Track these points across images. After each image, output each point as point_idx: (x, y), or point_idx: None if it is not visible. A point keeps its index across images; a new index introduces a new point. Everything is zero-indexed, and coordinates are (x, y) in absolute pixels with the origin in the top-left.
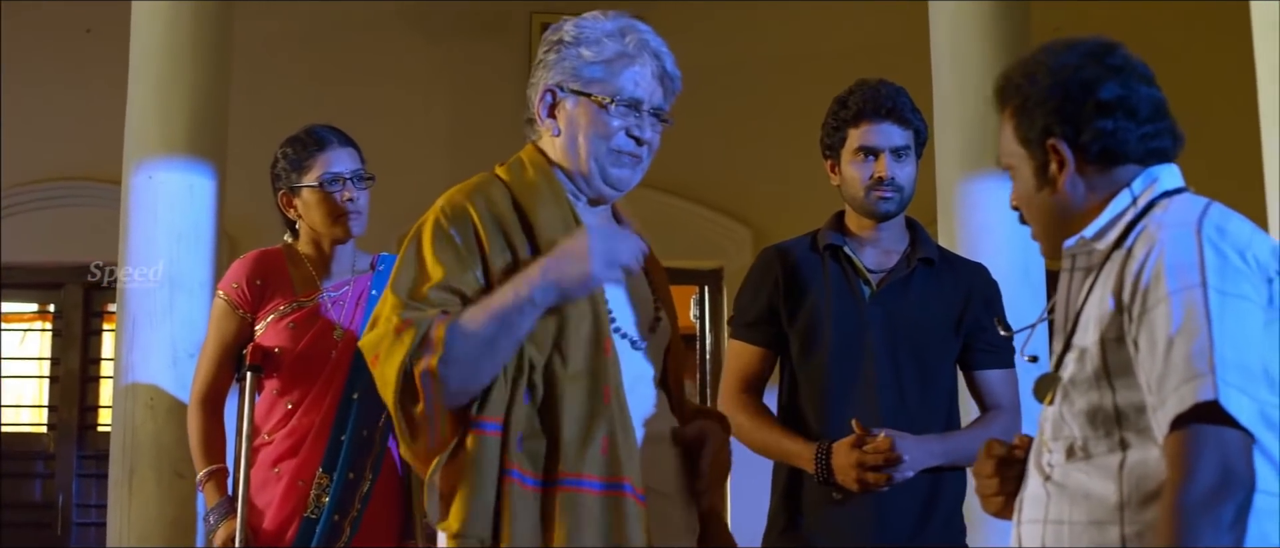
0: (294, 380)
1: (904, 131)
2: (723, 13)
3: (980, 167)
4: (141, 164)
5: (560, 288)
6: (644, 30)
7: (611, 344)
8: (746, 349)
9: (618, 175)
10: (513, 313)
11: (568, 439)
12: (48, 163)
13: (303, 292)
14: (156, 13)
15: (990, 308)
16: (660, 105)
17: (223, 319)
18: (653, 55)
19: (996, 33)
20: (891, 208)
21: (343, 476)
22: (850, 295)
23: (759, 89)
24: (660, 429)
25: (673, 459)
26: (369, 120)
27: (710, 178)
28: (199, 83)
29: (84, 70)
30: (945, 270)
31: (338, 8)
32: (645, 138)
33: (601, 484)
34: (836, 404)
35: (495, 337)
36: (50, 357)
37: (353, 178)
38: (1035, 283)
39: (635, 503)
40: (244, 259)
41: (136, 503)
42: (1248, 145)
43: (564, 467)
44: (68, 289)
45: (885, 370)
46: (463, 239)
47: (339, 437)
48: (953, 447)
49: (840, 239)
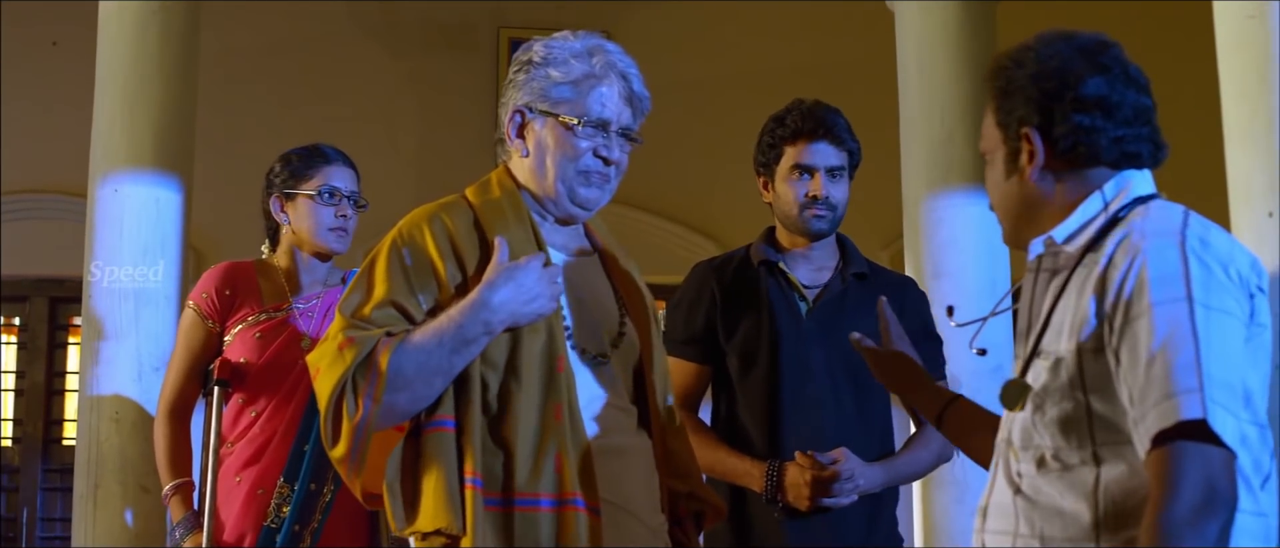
0: (259, 389)
1: (839, 152)
2: (689, 29)
3: (946, 182)
4: (107, 177)
5: (487, 324)
6: (612, 50)
7: (565, 361)
8: (684, 367)
9: (585, 195)
10: (454, 340)
11: (521, 459)
12: (13, 176)
13: (271, 302)
14: (123, 26)
15: (921, 319)
16: (629, 125)
17: (191, 329)
18: (620, 76)
19: (963, 49)
20: (824, 226)
21: (304, 486)
22: (789, 312)
23: (725, 105)
24: (624, 443)
25: (638, 473)
26: (335, 135)
27: (676, 193)
28: (166, 96)
29: (50, 83)
30: (877, 284)
31: (304, 22)
32: (613, 158)
33: (551, 501)
34: (779, 421)
35: (439, 363)
36: (15, 370)
37: (350, 196)
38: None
39: (588, 516)
40: (214, 269)
41: (101, 517)
42: (1210, 156)
43: (517, 487)
44: (33, 302)
45: (824, 386)
46: (414, 261)
47: (301, 447)
48: (896, 471)
49: (775, 255)
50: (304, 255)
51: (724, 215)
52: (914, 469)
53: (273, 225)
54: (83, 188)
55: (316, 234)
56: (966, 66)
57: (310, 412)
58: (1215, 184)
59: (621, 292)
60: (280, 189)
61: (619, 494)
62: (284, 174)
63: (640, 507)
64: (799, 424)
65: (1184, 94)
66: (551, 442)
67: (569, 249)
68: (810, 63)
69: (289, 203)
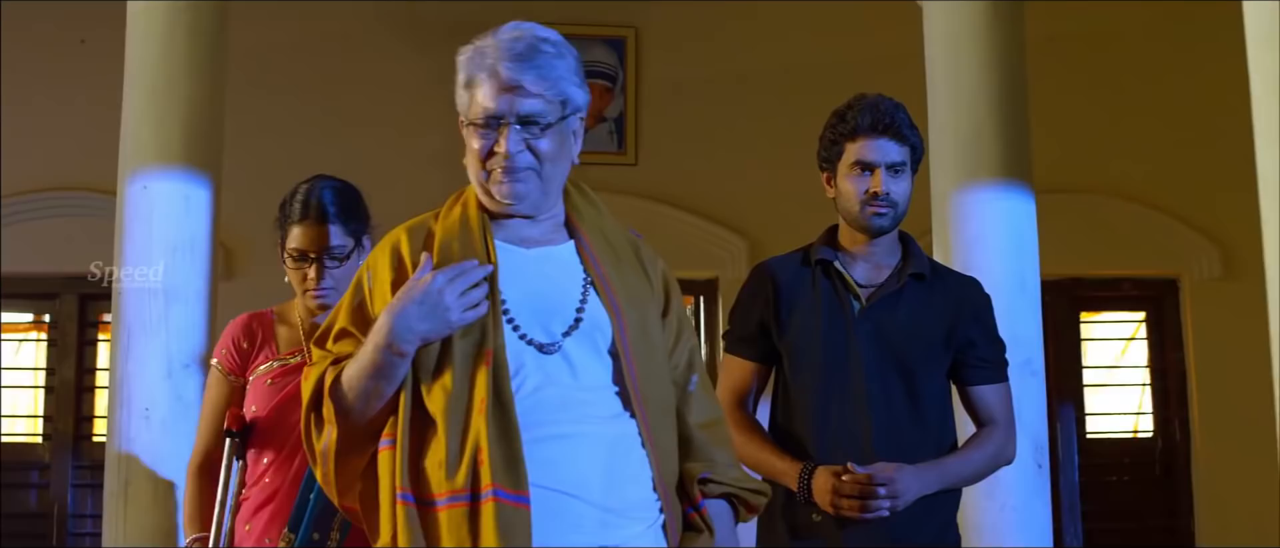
0: (270, 438)
1: (901, 148)
2: (717, 26)
3: (975, 177)
4: (137, 174)
5: (392, 347)
6: (485, 42)
7: (496, 356)
8: (739, 364)
9: (500, 191)
10: (370, 365)
11: (448, 461)
12: (43, 173)
13: (287, 349)
14: (151, 24)
15: (981, 322)
16: (529, 112)
17: (215, 386)
18: (489, 71)
19: (991, 45)
20: (885, 223)
21: (307, 535)
22: (839, 311)
23: (754, 100)
24: (570, 429)
25: (591, 456)
26: (361, 130)
27: (705, 189)
28: (194, 93)
29: (79, 81)
30: (937, 284)
31: (330, 20)
32: (505, 150)
33: (470, 496)
34: (825, 421)
35: (366, 388)
36: (46, 367)
37: (323, 256)
38: (1031, 292)
39: (510, 507)
40: (234, 323)
41: (132, 513)
42: (1243, 153)
43: (446, 488)
44: (63, 299)
45: (874, 386)
46: (372, 285)
47: (307, 495)
48: (950, 472)
49: (832, 254)
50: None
51: (752, 210)
52: (965, 471)
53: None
54: (112, 185)
55: (297, 293)
56: (994, 62)
57: None
58: (1245, 181)
59: (595, 276)
60: (277, 233)
61: (558, 480)
62: (278, 217)
63: (590, 490)
64: (844, 423)
65: (1212, 91)
66: (473, 438)
67: (537, 242)
68: (837, 59)
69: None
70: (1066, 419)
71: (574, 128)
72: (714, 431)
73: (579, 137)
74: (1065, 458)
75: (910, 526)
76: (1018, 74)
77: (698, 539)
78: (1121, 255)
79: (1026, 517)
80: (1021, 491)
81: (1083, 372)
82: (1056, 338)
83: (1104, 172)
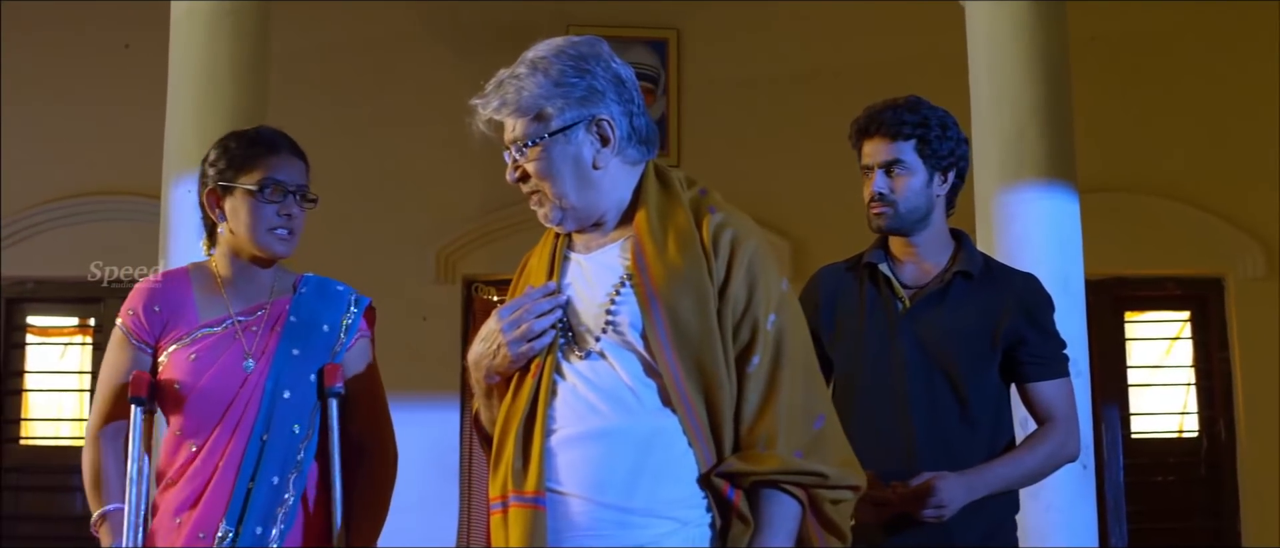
0: (197, 419)
1: (892, 145)
2: (759, 26)
3: (1018, 177)
4: (181, 178)
5: (478, 382)
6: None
7: (541, 367)
8: None
9: (539, 216)
10: (476, 391)
11: (498, 472)
12: (88, 177)
13: (208, 318)
14: (195, 28)
15: (1032, 318)
16: (510, 139)
17: (116, 350)
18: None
19: (1033, 45)
20: (887, 223)
21: (249, 529)
22: (882, 313)
23: (796, 101)
24: (585, 430)
25: (609, 457)
26: (404, 132)
27: (747, 190)
28: (237, 96)
29: (123, 85)
30: (987, 283)
31: (372, 23)
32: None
33: (499, 504)
34: (869, 424)
35: (488, 416)
36: (89, 370)
37: (297, 192)
38: (1074, 292)
39: (525, 511)
40: (144, 283)
41: None
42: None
43: (495, 496)
44: (108, 303)
45: (918, 387)
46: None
47: (245, 484)
48: (999, 476)
49: (880, 257)
50: (242, 261)
51: (795, 212)
52: (1015, 474)
53: (210, 223)
54: (156, 189)
55: (256, 235)
56: (1037, 63)
57: (254, 444)
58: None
59: (635, 268)
60: (215, 181)
61: (572, 483)
62: (221, 163)
63: (607, 491)
64: (888, 425)
65: (1257, 90)
66: (507, 449)
67: (601, 244)
68: (879, 60)
69: (225, 198)
70: (1111, 420)
71: (578, 138)
72: (765, 422)
73: (593, 144)
74: (1110, 458)
75: (957, 526)
76: (1061, 74)
77: (742, 536)
78: (1166, 255)
79: (1071, 518)
80: (1066, 491)
81: (1127, 372)
82: (1101, 338)
83: (1148, 171)
